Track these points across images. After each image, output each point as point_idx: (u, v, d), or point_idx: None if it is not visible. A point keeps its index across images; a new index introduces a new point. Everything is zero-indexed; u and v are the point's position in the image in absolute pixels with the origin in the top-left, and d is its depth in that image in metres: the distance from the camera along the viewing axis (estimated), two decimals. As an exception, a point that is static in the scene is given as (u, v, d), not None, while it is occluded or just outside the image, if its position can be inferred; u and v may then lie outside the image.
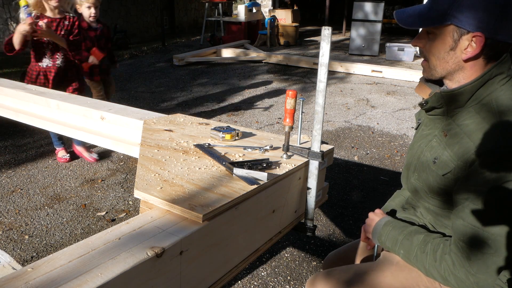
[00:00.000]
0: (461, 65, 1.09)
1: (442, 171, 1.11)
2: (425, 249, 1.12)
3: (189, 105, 5.39)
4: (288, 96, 1.35)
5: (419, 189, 1.22)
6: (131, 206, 2.88)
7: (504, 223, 0.98)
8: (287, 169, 1.31)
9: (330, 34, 1.22)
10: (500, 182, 0.97)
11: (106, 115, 1.94)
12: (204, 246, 1.03)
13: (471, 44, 1.04)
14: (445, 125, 1.14)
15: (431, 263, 1.10)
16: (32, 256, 2.35)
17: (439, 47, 1.09)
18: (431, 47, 1.12)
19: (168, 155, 1.37)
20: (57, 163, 3.55)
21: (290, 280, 2.19)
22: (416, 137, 1.28)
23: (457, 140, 1.07)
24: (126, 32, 10.03)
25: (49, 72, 3.17)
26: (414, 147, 1.26)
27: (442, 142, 1.13)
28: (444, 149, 1.11)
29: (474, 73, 1.08)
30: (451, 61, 1.09)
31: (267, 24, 9.99)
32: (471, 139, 1.04)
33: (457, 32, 1.05)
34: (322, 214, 2.80)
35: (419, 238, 1.16)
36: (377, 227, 1.28)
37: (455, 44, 1.06)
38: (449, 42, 1.07)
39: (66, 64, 3.22)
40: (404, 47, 8.38)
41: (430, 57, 1.13)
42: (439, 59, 1.11)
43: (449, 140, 1.10)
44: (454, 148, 1.08)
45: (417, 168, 1.22)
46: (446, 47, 1.08)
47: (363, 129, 4.54)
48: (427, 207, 1.23)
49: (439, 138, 1.15)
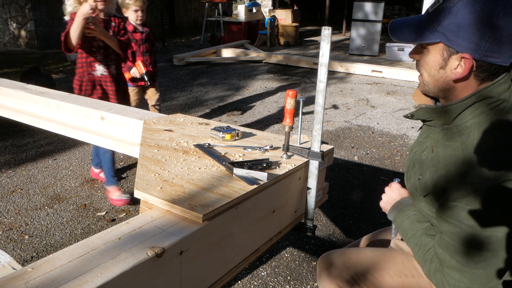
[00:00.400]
0: (451, 85, 1.05)
1: (423, 192, 1.12)
2: (424, 257, 1.14)
3: (189, 105, 5.39)
4: (288, 96, 1.35)
5: (413, 193, 1.23)
6: (131, 206, 2.87)
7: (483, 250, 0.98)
8: (287, 169, 1.31)
9: (330, 34, 1.22)
10: (468, 218, 0.96)
11: (106, 115, 1.94)
12: (204, 246, 1.03)
13: (461, 65, 1.01)
14: (435, 139, 1.13)
15: (427, 271, 1.12)
16: (32, 256, 2.35)
17: (430, 64, 1.07)
18: (423, 63, 1.09)
19: (168, 155, 1.37)
20: (57, 163, 3.55)
21: (290, 280, 2.19)
22: (416, 140, 1.28)
23: (435, 163, 1.08)
24: (126, 32, 10.02)
25: (104, 82, 2.75)
26: (412, 151, 1.26)
27: (428, 159, 1.12)
28: (428, 168, 1.11)
29: (465, 93, 1.04)
30: (441, 80, 1.06)
31: (267, 24, 9.99)
32: (445, 167, 1.03)
33: (446, 51, 1.02)
34: (322, 214, 2.80)
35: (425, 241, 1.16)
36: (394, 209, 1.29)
37: (445, 63, 1.03)
38: (439, 60, 1.04)
39: (118, 71, 2.83)
40: (404, 47, 8.37)
41: (423, 73, 1.11)
42: (430, 76, 1.08)
43: (432, 160, 1.10)
44: (431, 171, 1.08)
45: (411, 175, 1.23)
46: (437, 65, 1.05)
47: (363, 129, 4.54)
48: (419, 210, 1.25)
49: (428, 152, 1.14)
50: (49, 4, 9.44)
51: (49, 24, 9.58)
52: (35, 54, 9.01)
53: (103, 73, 2.70)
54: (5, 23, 9.82)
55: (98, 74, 2.69)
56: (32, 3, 9.20)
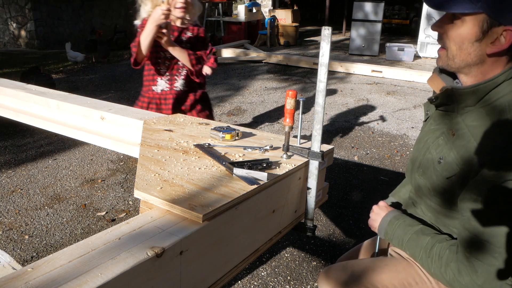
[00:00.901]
0: (483, 58, 1.00)
1: (446, 173, 1.06)
2: (430, 253, 1.09)
3: (189, 105, 5.39)
4: (288, 96, 1.35)
5: (422, 185, 1.18)
6: (131, 206, 2.88)
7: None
8: (287, 169, 1.31)
9: (330, 34, 1.22)
10: (507, 190, 0.92)
11: (106, 115, 1.94)
12: (204, 246, 1.03)
13: (500, 38, 0.96)
14: (454, 123, 1.07)
15: (436, 267, 1.07)
16: (32, 256, 2.35)
17: (463, 35, 0.99)
18: (454, 35, 1.02)
19: (168, 155, 1.37)
20: (57, 163, 3.55)
21: (290, 280, 2.19)
22: (424, 131, 1.22)
23: (464, 143, 1.02)
24: (126, 32, 10.03)
25: (164, 99, 2.34)
26: (421, 142, 1.21)
27: (449, 142, 1.07)
28: (450, 149, 1.05)
29: (493, 69, 1.01)
30: (473, 53, 1.00)
31: (267, 24, 9.99)
32: (478, 143, 0.98)
33: (487, 23, 0.96)
34: (322, 214, 2.80)
35: (425, 240, 1.12)
36: (383, 223, 1.26)
37: (483, 35, 0.97)
38: (476, 33, 0.98)
39: (187, 86, 2.40)
40: (404, 47, 8.38)
41: (451, 46, 1.03)
42: (461, 49, 1.02)
43: (456, 141, 1.04)
44: (461, 150, 1.02)
45: (422, 164, 1.17)
46: (472, 37, 0.99)
47: (363, 129, 4.54)
48: (429, 204, 1.20)
49: (446, 137, 1.09)
50: (49, 4, 9.44)
51: (49, 24, 9.58)
52: (35, 54, 9.01)
53: (164, 89, 2.30)
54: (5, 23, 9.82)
55: (158, 90, 2.30)
56: (32, 3, 9.20)
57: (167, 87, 2.29)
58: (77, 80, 6.75)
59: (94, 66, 7.84)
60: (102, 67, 7.80)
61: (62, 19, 9.74)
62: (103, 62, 8.15)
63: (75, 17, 10.00)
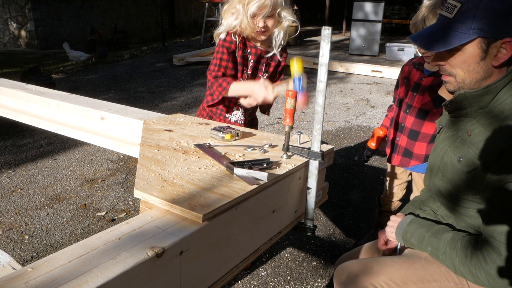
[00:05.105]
0: (490, 71, 1.11)
1: (467, 168, 1.13)
2: (455, 246, 1.14)
3: (189, 105, 5.39)
4: (288, 96, 1.35)
5: (443, 189, 1.24)
6: (131, 206, 2.87)
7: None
8: (287, 169, 1.31)
9: (330, 34, 1.22)
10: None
11: (106, 115, 1.94)
12: (204, 246, 1.03)
13: (501, 50, 1.07)
14: (468, 125, 1.17)
15: (461, 259, 1.11)
16: (32, 256, 2.35)
17: (468, 60, 1.11)
18: (458, 63, 1.13)
19: (168, 155, 1.37)
20: (57, 163, 3.55)
21: (290, 280, 2.19)
22: (439, 139, 1.30)
23: (481, 138, 1.10)
24: (126, 32, 10.04)
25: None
26: (437, 149, 1.28)
27: (466, 142, 1.15)
28: (469, 147, 1.13)
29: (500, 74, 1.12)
30: (481, 70, 1.11)
31: (267, 24, 9.97)
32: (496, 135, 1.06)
33: (484, 43, 1.07)
34: (322, 214, 2.80)
35: (448, 235, 1.17)
36: (401, 225, 1.31)
37: (485, 54, 1.09)
38: (479, 54, 1.09)
39: (253, 115, 2.24)
40: (404, 47, 8.37)
41: (457, 72, 1.14)
42: (468, 71, 1.12)
43: (473, 138, 1.13)
44: (479, 145, 1.10)
45: (441, 169, 1.24)
46: (477, 58, 1.10)
47: (363, 129, 4.54)
48: (451, 208, 1.24)
49: (463, 138, 1.17)
50: (49, 4, 9.44)
51: (49, 24, 9.58)
52: (35, 54, 9.01)
53: (238, 120, 2.13)
54: (5, 23, 9.82)
55: (232, 120, 2.13)
56: (32, 3, 9.20)
57: (241, 119, 2.13)
58: (77, 80, 6.75)
59: (94, 66, 7.84)
60: (102, 67, 7.80)
61: (62, 19, 9.74)
62: (102, 63, 8.15)
63: (75, 17, 10.00)
